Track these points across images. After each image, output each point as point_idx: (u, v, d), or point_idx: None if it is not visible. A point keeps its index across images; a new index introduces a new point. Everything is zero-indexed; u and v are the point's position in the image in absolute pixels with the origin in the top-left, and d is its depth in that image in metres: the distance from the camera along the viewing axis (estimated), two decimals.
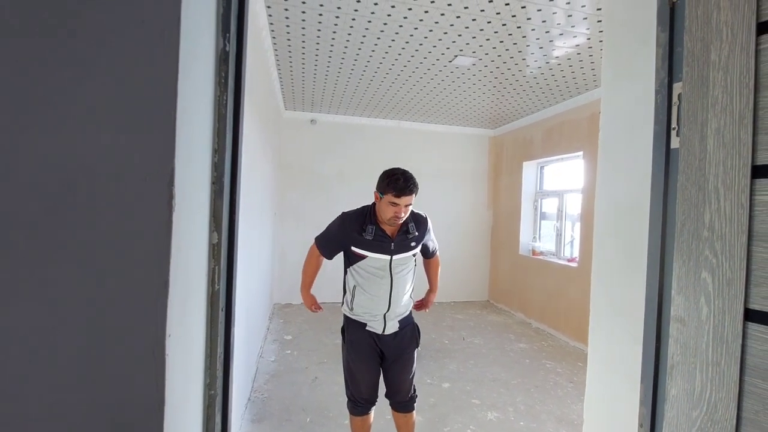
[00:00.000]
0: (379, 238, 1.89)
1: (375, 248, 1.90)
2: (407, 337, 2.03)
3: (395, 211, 1.81)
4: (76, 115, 0.51)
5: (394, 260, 1.93)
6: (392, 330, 1.99)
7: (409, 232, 1.94)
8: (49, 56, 0.51)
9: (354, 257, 1.95)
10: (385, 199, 1.82)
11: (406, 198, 1.80)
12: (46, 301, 0.51)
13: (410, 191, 1.80)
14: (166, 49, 0.52)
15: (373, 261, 1.92)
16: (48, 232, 0.50)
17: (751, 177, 0.73)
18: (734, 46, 0.75)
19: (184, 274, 0.60)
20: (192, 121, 0.61)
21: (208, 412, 0.76)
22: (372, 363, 2.00)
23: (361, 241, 1.89)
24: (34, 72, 0.50)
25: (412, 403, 2.10)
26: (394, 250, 1.92)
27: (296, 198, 5.68)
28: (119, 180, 0.52)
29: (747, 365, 0.73)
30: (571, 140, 4.66)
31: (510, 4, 2.53)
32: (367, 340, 1.98)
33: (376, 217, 1.92)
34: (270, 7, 2.66)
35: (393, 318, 1.98)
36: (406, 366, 2.02)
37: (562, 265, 4.80)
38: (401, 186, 1.78)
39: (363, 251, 1.91)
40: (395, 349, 2.00)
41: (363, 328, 1.98)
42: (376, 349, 2.00)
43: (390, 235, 1.92)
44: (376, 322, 1.97)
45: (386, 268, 1.93)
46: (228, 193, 0.77)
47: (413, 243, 1.97)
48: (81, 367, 0.52)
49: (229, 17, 0.75)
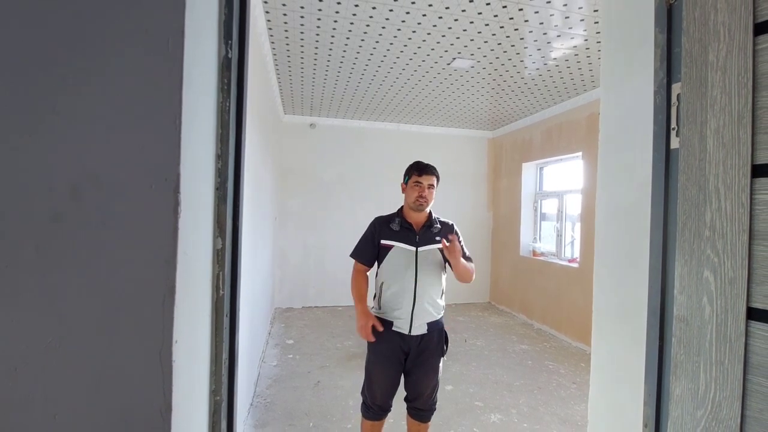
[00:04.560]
0: (405, 230, 2.04)
1: (401, 238, 2.03)
2: (434, 342, 2.02)
3: (419, 191, 2.00)
4: (82, 123, 0.51)
5: (420, 252, 2.02)
6: (419, 332, 1.99)
7: (432, 226, 2.07)
8: (54, 64, 0.51)
9: (383, 251, 2.05)
10: (410, 183, 2.03)
11: (427, 177, 2.01)
12: (52, 307, 0.51)
13: (431, 171, 2.03)
14: (171, 57, 0.53)
15: (399, 251, 2.02)
16: (55, 238, 0.51)
17: (751, 176, 0.73)
18: (732, 47, 0.76)
19: (190, 280, 0.61)
20: (196, 128, 0.62)
21: (213, 419, 0.76)
22: (392, 369, 2.00)
23: (388, 233, 2.05)
24: (41, 80, 0.51)
25: (430, 414, 2.08)
26: (419, 242, 2.03)
27: (296, 202, 5.69)
28: (125, 187, 0.52)
29: (750, 364, 0.73)
30: (570, 141, 4.67)
31: (507, 7, 2.54)
32: (391, 343, 1.98)
33: (404, 213, 2.09)
34: (269, 12, 2.67)
35: (420, 317, 1.98)
36: (430, 373, 2.02)
37: (563, 265, 4.80)
38: (422, 165, 2.03)
39: (390, 242, 2.03)
40: (420, 351, 2.00)
41: (390, 329, 1.99)
42: (399, 354, 2.00)
43: (415, 228, 2.05)
44: (403, 320, 1.97)
45: (412, 258, 2.01)
46: (231, 198, 0.77)
47: (438, 237, 2.06)
48: (88, 374, 0.52)
49: (231, 24, 0.75)
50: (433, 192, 2.05)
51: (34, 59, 0.51)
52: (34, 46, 0.51)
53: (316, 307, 5.64)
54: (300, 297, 5.64)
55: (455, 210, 6.20)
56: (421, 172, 2.01)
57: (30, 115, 0.51)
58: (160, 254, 0.53)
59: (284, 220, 5.62)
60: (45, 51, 0.51)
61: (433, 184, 2.03)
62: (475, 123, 5.78)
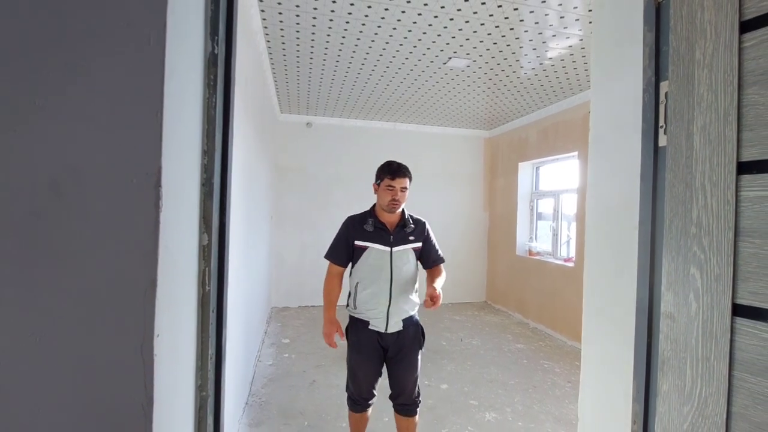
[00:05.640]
0: (379, 231, 2.04)
1: (376, 239, 2.03)
2: (410, 336, 2.07)
3: (392, 194, 1.99)
4: (62, 117, 0.51)
5: (394, 252, 2.03)
6: (395, 329, 2.03)
7: (406, 226, 2.09)
8: (33, 58, 0.51)
9: (357, 252, 2.05)
10: (383, 185, 2.02)
11: (400, 180, 1.99)
12: (32, 302, 0.51)
13: (403, 174, 2.01)
14: (153, 50, 0.53)
15: (374, 252, 2.02)
16: (33, 232, 0.51)
17: (736, 173, 0.74)
18: (718, 45, 0.76)
19: (172, 275, 0.60)
20: (180, 123, 0.61)
21: (200, 414, 0.76)
22: (374, 364, 2.05)
23: (362, 233, 2.04)
24: (20, 74, 0.51)
25: (416, 407, 2.13)
26: (394, 242, 2.04)
27: (293, 201, 5.68)
28: (106, 181, 0.52)
29: (736, 360, 0.73)
30: (566, 141, 4.68)
31: (503, 6, 2.54)
32: (369, 339, 2.03)
33: (377, 213, 2.08)
34: (264, 11, 2.67)
35: (396, 315, 2.03)
36: (410, 367, 2.07)
37: (559, 265, 4.81)
38: (395, 168, 2.01)
39: (365, 242, 2.03)
40: (399, 347, 2.05)
41: (366, 327, 2.03)
42: (379, 349, 2.05)
43: (389, 228, 2.05)
44: (379, 320, 2.02)
45: (386, 259, 2.02)
46: (218, 194, 0.77)
47: (411, 237, 2.09)
48: (69, 368, 0.52)
49: (218, 20, 0.75)
50: (406, 193, 2.04)
51: (13, 53, 0.50)
52: (11, 39, 0.50)
53: (312, 306, 5.63)
54: (296, 296, 5.63)
55: (452, 209, 6.21)
56: (394, 175, 1.99)
57: (8, 109, 0.50)
58: (141, 248, 0.52)
59: (281, 220, 5.61)
60: (24, 44, 0.51)
61: (406, 186, 2.02)
62: (471, 122, 5.79)
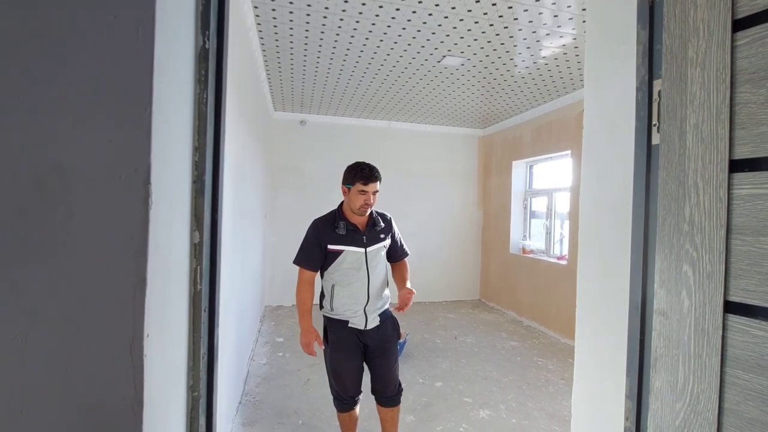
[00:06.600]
0: (351, 233, 2.04)
1: (349, 242, 2.03)
2: (389, 329, 2.12)
3: (365, 198, 1.99)
4: (48, 113, 0.50)
5: (368, 252, 2.06)
6: (374, 324, 2.07)
7: (376, 224, 2.11)
8: (17, 52, 0.50)
9: (331, 256, 2.04)
10: (354, 189, 2.00)
11: (373, 185, 1.99)
12: (18, 301, 0.50)
13: (376, 178, 2.01)
14: (141, 45, 0.51)
15: (349, 255, 2.03)
16: (21, 230, 0.49)
17: (728, 171, 0.74)
18: (711, 43, 0.77)
19: (163, 273, 0.59)
20: (170, 119, 0.60)
21: (192, 415, 0.75)
22: (356, 360, 2.08)
23: (335, 237, 2.03)
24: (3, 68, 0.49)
25: (399, 396, 2.17)
26: (367, 242, 2.06)
27: (287, 199, 5.65)
28: (93, 178, 0.51)
29: (728, 357, 0.74)
30: (559, 139, 4.70)
31: (497, 5, 2.54)
32: (350, 336, 2.05)
33: (346, 215, 2.08)
34: (257, 7, 2.64)
35: (373, 312, 2.07)
36: (391, 360, 2.11)
37: (552, 263, 4.83)
38: (367, 174, 1.98)
39: (339, 246, 2.03)
40: (380, 341, 2.08)
41: (346, 326, 2.05)
42: (361, 346, 2.08)
43: (361, 229, 2.07)
44: (358, 318, 2.05)
45: (362, 260, 2.05)
46: (210, 191, 0.76)
47: (382, 234, 2.12)
48: (56, 369, 0.51)
49: (209, 15, 0.74)
50: (377, 195, 2.04)
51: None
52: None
53: None
54: (290, 295, 5.60)
55: (445, 208, 6.22)
56: (367, 180, 1.97)
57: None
58: (130, 246, 0.51)
59: (275, 218, 5.58)
60: (7, 37, 0.49)
61: (378, 189, 2.03)
62: (465, 121, 5.80)
